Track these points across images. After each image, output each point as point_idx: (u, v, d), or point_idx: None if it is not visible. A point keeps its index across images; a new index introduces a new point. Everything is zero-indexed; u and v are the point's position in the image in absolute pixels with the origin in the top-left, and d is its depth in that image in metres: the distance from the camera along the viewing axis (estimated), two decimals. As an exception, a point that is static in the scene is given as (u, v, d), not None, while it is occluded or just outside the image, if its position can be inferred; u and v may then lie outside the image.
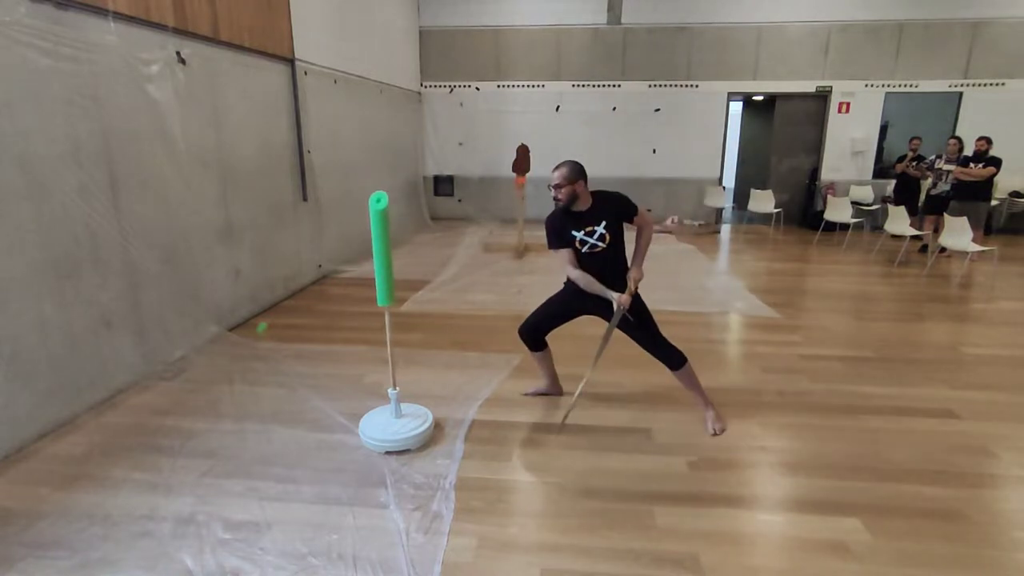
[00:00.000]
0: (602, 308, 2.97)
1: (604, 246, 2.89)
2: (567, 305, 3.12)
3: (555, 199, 2.88)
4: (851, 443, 2.93)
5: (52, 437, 2.90)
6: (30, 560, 2.09)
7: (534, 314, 3.20)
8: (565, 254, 2.94)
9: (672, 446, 2.89)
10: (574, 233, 2.90)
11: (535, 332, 3.20)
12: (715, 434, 2.99)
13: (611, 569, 2.09)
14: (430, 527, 2.28)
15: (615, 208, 2.91)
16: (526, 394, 3.45)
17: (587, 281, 2.90)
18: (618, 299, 2.84)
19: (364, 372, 3.73)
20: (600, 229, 2.88)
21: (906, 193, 8.16)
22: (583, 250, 2.92)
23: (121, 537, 2.21)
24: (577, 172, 2.84)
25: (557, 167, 2.88)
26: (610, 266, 2.94)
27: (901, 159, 8.22)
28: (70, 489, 2.50)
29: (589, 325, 3.17)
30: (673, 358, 2.99)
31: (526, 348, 3.30)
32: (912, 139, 8.19)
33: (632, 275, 2.90)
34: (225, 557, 2.11)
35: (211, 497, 2.46)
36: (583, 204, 2.89)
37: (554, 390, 3.43)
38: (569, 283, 3.05)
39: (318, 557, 2.12)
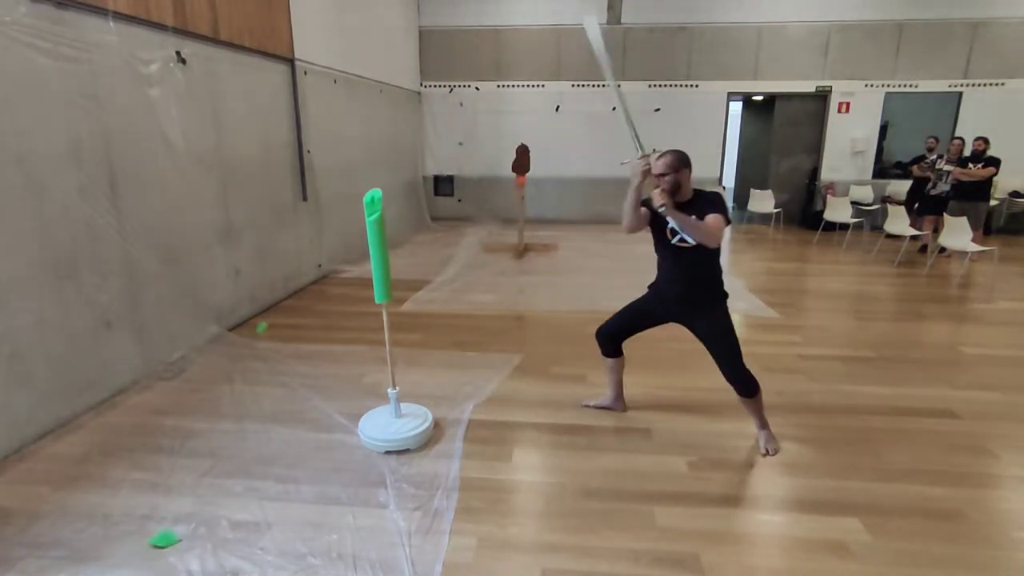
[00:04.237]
0: (680, 315, 2.85)
1: (690, 244, 2.65)
2: (644, 309, 2.98)
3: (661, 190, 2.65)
4: (851, 443, 2.93)
5: (52, 437, 2.90)
6: (30, 560, 2.09)
7: (614, 317, 3.05)
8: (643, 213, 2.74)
9: (672, 446, 2.89)
10: (669, 220, 2.66)
11: (611, 337, 3.06)
12: (766, 454, 2.84)
13: (611, 569, 2.09)
14: (430, 527, 2.28)
15: (708, 205, 2.62)
16: (585, 405, 3.26)
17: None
18: (641, 163, 2.64)
19: (364, 372, 3.73)
20: None
21: (918, 195, 7.91)
22: (672, 240, 2.71)
23: (121, 537, 2.21)
24: (682, 161, 2.66)
25: (661, 155, 2.67)
26: (693, 268, 2.74)
27: (916, 160, 8.06)
28: (70, 489, 2.50)
29: (592, 325, 3.17)
30: (746, 385, 2.82)
31: (599, 352, 3.14)
32: (928, 138, 8.06)
33: (659, 193, 2.57)
34: (225, 557, 2.11)
35: (211, 497, 2.46)
36: (683, 196, 2.68)
37: (617, 406, 3.24)
38: (650, 287, 2.95)
39: (318, 557, 2.12)
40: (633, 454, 2.82)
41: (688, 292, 2.79)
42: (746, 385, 2.82)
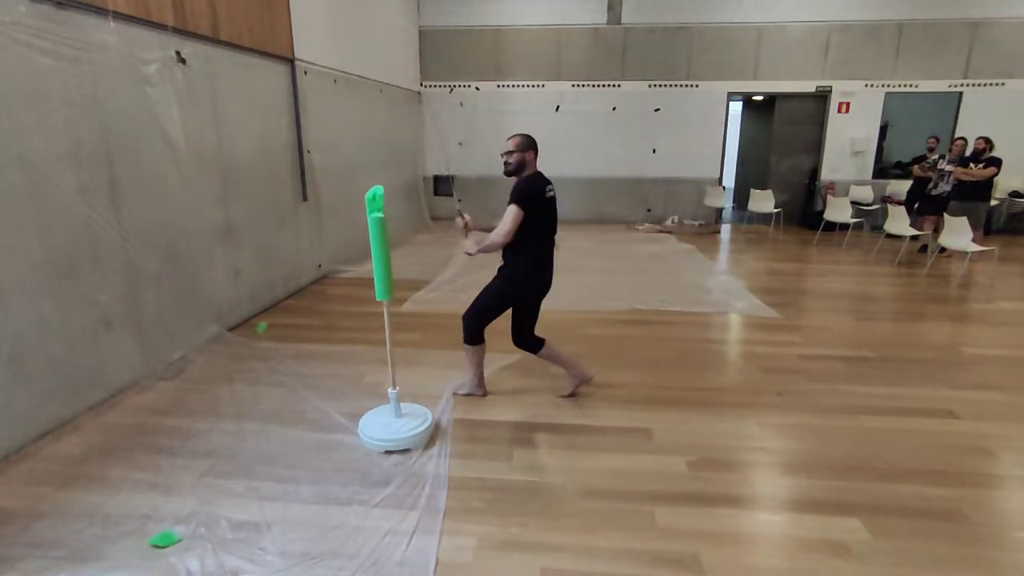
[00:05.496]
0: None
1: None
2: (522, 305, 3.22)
3: (505, 164, 3.02)
4: (851, 443, 2.93)
5: (52, 437, 2.90)
6: (30, 560, 2.09)
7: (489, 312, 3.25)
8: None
9: (672, 446, 2.89)
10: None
11: (517, 335, 3.26)
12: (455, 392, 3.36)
13: (611, 569, 2.09)
14: (430, 527, 2.28)
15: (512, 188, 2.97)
16: (564, 396, 3.38)
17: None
18: (457, 220, 3.19)
19: (364, 372, 3.73)
20: None
21: (918, 195, 7.88)
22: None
23: (121, 537, 2.21)
24: (528, 143, 3.01)
25: (511, 136, 3.04)
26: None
27: (916, 160, 8.09)
28: (70, 489, 2.50)
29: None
30: (468, 336, 3.18)
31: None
32: (929, 138, 8.08)
33: (467, 240, 3.11)
34: (225, 557, 2.11)
35: (211, 497, 2.46)
36: (525, 175, 3.03)
37: (583, 377, 3.38)
38: (528, 279, 3.15)
39: (318, 557, 2.11)
40: (633, 454, 2.82)
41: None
42: (468, 335, 3.19)
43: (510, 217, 2.88)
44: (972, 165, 6.89)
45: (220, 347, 4.10)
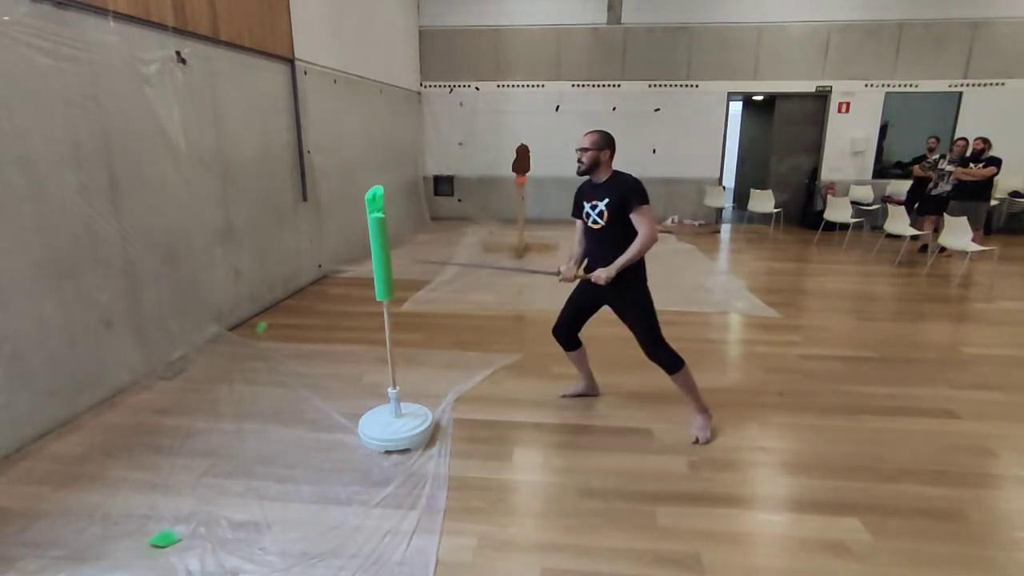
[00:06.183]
0: (606, 294, 2.91)
1: (602, 224, 2.82)
2: (581, 297, 3.07)
3: (579, 161, 2.84)
4: (851, 443, 2.93)
5: (52, 437, 2.90)
6: (30, 560, 2.09)
7: (561, 312, 3.16)
8: (578, 224, 3.01)
9: (672, 446, 2.89)
10: (584, 204, 2.90)
11: (565, 330, 3.15)
12: (696, 442, 2.90)
13: (612, 569, 2.09)
14: (430, 527, 2.28)
15: (622, 190, 2.78)
16: (564, 395, 3.39)
17: (575, 252, 3.01)
18: (562, 271, 2.95)
19: (364, 372, 3.73)
20: (601, 205, 2.81)
21: (918, 195, 7.87)
22: (588, 223, 2.90)
23: (121, 537, 2.21)
24: (606, 141, 2.83)
25: (588, 132, 2.87)
26: (604, 248, 2.84)
27: (916, 160, 8.10)
28: (70, 489, 2.50)
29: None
30: (669, 363, 2.91)
31: (561, 348, 3.23)
32: (929, 138, 8.09)
33: (599, 270, 2.78)
34: (225, 557, 2.11)
35: (211, 497, 2.46)
36: (602, 175, 2.85)
37: (592, 391, 3.40)
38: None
39: (318, 557, 2.11)
40: (634, 454, 2.82)
41: (595, 265, 2.91)
42: (669, 362, 2.91)
43: (650, 217, 2.79)
44: (972, 165, 6.89)
45: (220, 347, 4.10)
